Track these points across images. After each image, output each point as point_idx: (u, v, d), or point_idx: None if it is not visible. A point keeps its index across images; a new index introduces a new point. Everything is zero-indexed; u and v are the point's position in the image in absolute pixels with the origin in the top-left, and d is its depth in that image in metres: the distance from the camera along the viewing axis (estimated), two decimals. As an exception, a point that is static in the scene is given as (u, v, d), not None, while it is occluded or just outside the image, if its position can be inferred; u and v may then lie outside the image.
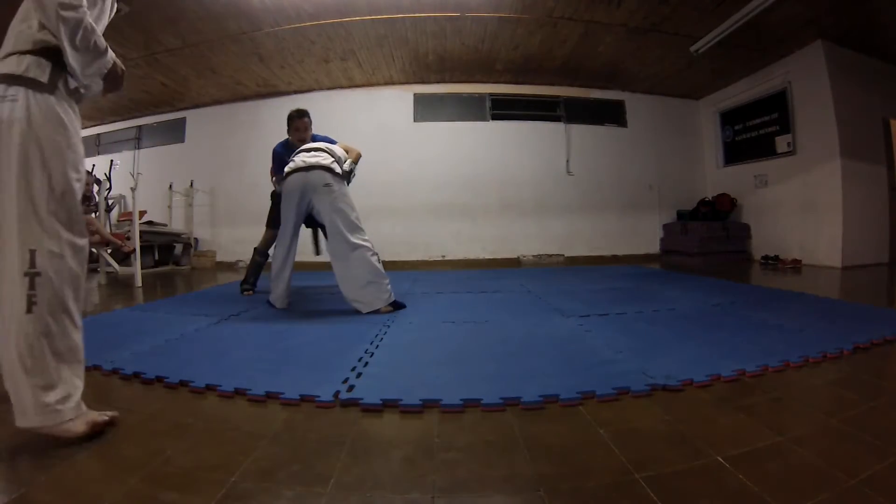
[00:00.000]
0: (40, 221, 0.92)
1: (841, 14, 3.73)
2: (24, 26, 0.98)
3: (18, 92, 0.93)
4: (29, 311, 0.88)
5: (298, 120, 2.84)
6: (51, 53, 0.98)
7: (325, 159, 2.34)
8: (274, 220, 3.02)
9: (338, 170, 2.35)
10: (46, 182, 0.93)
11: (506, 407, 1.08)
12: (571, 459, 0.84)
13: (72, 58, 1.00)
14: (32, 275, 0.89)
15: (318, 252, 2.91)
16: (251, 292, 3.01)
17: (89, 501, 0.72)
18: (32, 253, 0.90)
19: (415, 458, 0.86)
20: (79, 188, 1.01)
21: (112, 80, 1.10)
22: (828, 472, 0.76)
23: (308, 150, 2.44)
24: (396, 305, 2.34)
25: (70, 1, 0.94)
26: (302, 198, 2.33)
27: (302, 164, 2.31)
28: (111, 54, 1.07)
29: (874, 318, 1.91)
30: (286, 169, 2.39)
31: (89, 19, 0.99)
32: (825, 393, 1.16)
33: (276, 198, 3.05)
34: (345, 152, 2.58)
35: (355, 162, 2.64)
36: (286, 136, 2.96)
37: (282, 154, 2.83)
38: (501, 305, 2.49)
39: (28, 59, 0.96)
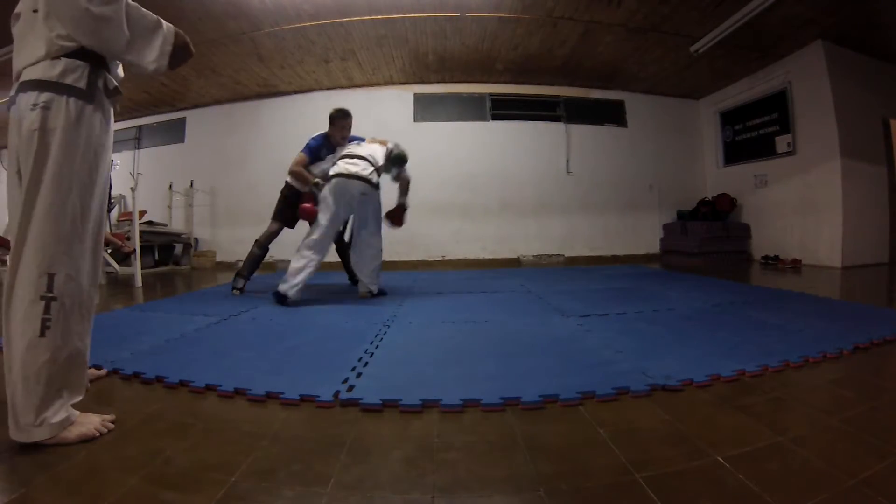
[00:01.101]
0: (64, 244, 0.89)
1: (841, 14, 3.73)
2: (48, 27, 0.90)
3: (52, 100, 0.87)
4: (42, 335, 0.87)
5: (343, 120, 2.84)
6: (87, 54, 0.91)
7: (364, 169, 2.60)
8: (281, 214, 3.00)
9: (375, 180, 2.64)
10: (76, 201, 0.89)
11: (505, 407, 1.08)
12: (571, 459, 0.84)
13: (128, 52, 0.92)
14: (49, 299, 0.87)
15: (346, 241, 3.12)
16: (240, 291, 2.96)
17: (89, 501, 0.72)
18: (51, 277, 0.87)
19: (415, 458, 0.86)
20: (103, 207, 0.97)
21: (177, 54, 1.00)
22: (828, 472, 0.76)
23: (351, 157, 2.66)
24: (381, 292, 2.83)
25: None
26: (339, 202, 2.58)
27: (344, 172, 2.58)
28: (168, 26, 0.98)
29: (874, 318, 1.91)
30: (330, 172, 2.63)
31: (130, 2, 0.91)
32: (825, 393, 1.15)
33: (287, 193, 2.96)
34: (380, 147, 2.79)
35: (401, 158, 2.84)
36: (324, 131, 2.90)
37: (319, 147, 2.83)
38: (501, 305, 2.49)
39: (63, 62, 0.89)
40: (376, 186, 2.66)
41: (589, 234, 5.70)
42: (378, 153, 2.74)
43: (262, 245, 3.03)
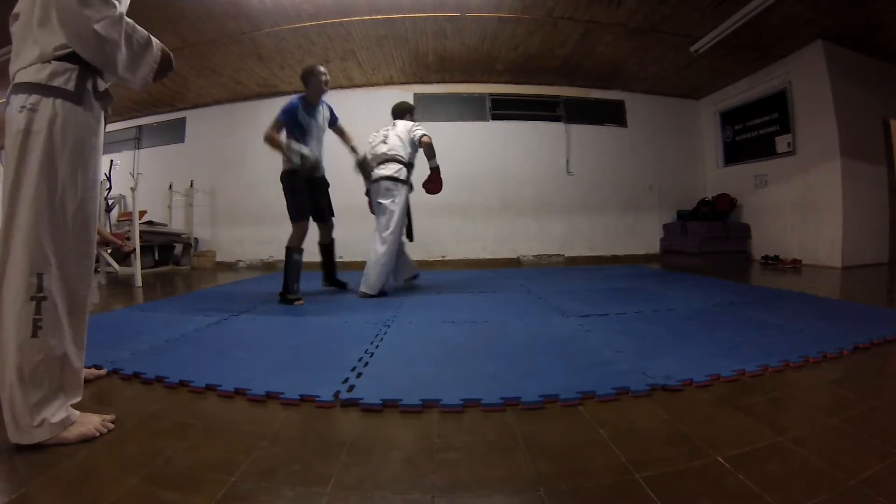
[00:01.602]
0: (53, 244, 0.89)
1: (841, 14, 3.73)
2: (44, 32, 0.91)
3: (39, 102, 0.88)
4: (34, 335, 0.87)
5: (316, 67, 2.65)
6: (78, 57, 0.92)
7: (389, 169, 2.87)
8: (298, 211, 2.67)
9: (402, 176, 2.89)
10: (62, 201, 0.90)
11: (506, 407, 1.08)
12: (571, 459, 0.84)
13: (124, 70, 0.95)
14: (39, 299, 0.87)
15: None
16: (301, 301, 2.59)
17: (89, 501, 0.72)
18: (40, 277, 0.87)
19: (415, 458, 0.86)
20: (93, 207, 0.97)
21: (161, 69, 1.04)
22: (828, 472, 0.76)
23: (384, 161, 2.90)
24: (382, 292, 2.84)
25: (104, 13, 0.88)
26: (375, 203, 2.89)
27: (377, 176, 2.88)
28: (155, 42, 1.01)
29: (874, 318, 1.91)
30: (373, 176, 2.90)
31: (127, 19, 0.93)
32: (825, 393, 1.15)
33: (289, 182, 2.68)
34: (397, 138, 2.98)
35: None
36: (300, 94, 2.75)
37: (294, 110, 2.63)
38: (501, 305, 2.49)
39: (52, 65, 0.90)
40: (403, 182, 2.89)
41: (589, 234, 5.70)
42: (381, 149, 2.96)
43: (298, 249, 2.66)
